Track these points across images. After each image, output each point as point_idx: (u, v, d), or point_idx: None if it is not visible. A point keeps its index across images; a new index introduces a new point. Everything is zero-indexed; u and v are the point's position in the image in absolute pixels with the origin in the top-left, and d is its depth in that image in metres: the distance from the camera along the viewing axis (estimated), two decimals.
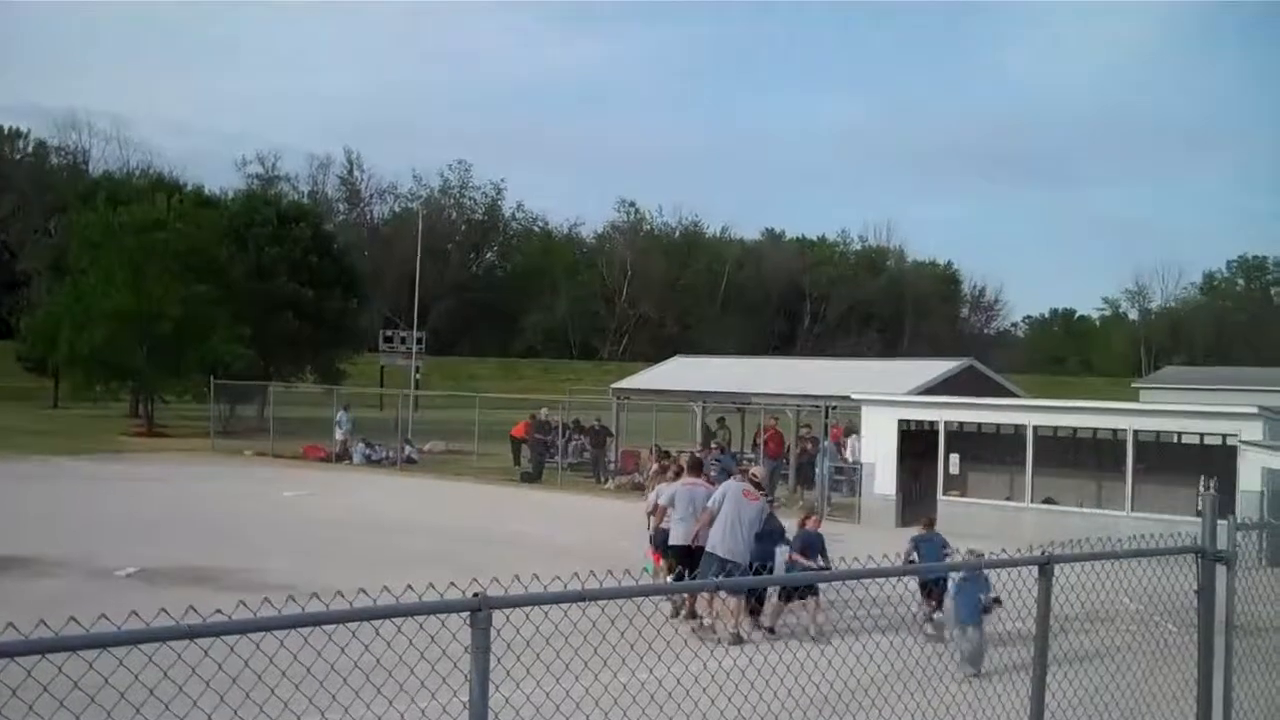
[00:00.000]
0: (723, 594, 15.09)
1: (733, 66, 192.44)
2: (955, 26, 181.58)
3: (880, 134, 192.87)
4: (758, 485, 17.04)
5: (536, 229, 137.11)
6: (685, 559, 16.36)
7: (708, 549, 15.78)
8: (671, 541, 16.82)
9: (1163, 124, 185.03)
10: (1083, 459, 28.09)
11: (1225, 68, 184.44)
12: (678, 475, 18.33)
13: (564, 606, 5.16)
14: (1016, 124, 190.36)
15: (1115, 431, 26.76)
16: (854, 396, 30.45)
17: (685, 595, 15.96)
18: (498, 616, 4.84)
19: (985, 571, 13.43)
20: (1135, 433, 25.92)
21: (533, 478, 36.75)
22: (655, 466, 22.47)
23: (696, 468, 18.54)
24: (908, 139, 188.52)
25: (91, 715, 5.26)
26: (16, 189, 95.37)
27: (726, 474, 19.39)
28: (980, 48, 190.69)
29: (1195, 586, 7.55)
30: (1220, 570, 7.56)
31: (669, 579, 16.61)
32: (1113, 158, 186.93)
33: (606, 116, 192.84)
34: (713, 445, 32.91)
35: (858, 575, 6.17)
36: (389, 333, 73.35)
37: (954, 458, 28.10)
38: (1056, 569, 6.97)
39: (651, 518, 18.15)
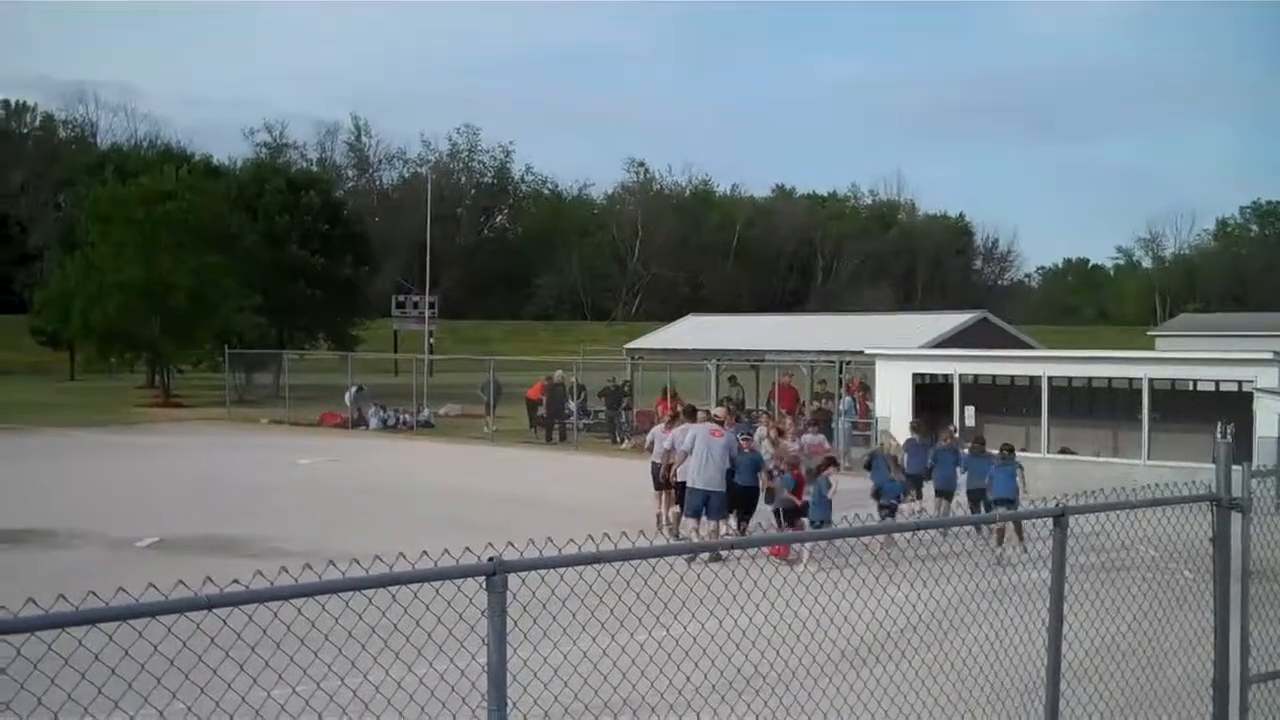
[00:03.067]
0: (705, 521, 18.44)
1: (740, 23, 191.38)
2: None
3: (889, 89, 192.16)
4: (720, 423, 19.69)
5: (546, 191, 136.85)
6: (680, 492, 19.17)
7: (688, 484, 18.68)
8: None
9: (1174, 72, 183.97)
10: (1098, 409, 28.04)
11: (1235, 13, 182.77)
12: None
13: (579, 568, 5.18)
14: (1026, 77, 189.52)
15: (1130, 380, 26.70)
16: (868, 351, 30.42)
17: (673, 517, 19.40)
18: (513, 579, 4.87)
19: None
20: (1150, 381, 25.84)
21: (553, 438, 36.75)
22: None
23: (691, 414, 21.11)
24: (917, 94, 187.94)
25: (113, 687, 5.31)
26: (25, 163, 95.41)
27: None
28: (987, 2, 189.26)
29: (1210, 534, 7.55)
30: (1236, 517, 7.55)
31: (672, 507, 19.67)
32: (1124, 107, 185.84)
33: (614, 77, 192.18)
34: (728, 403, 32.85)
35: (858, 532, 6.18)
36: (401, 298, 73.41)
37: (969, 410, 28.06)
38: (1072, 519, 6.98)
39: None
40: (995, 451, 20.37)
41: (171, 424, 42.58)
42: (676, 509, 19.61)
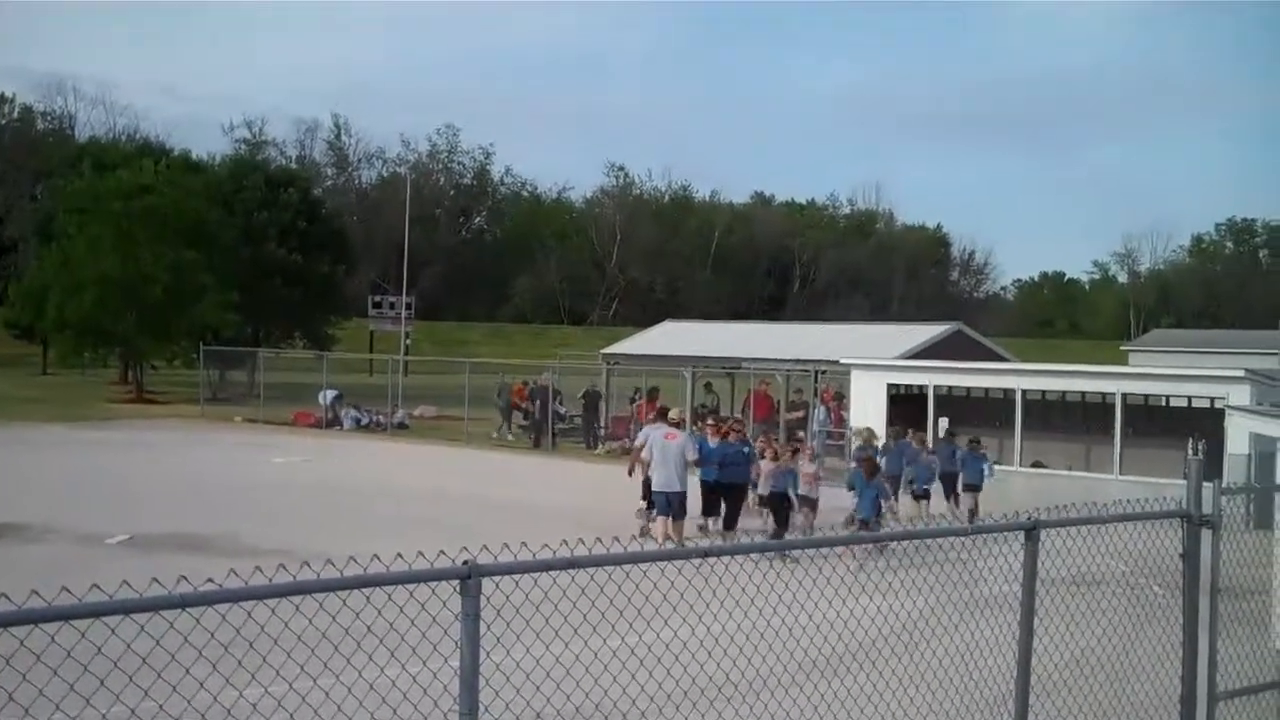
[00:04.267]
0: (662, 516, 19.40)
1: (722, 28, 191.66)
2: None
3: (869, 98, 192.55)
4: (677, 425, 20.92)
5: (525, 194, 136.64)
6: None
7: (652, 486, 19.75)
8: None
9: (1151, 86, 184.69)
10: (1072, 422, 28.18)
11: (1214, 29, 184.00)
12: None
13: (553, 572, 5.19)
14: (1006, 87, 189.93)
15: (1104, 395, 26.85)
16: (843, 361, 30.49)
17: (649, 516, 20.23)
18: (487, 583, 4.88)
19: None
20: (1124, 396, 25.99)
21: (542, 443, 36.50)
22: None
23: (663, 415, 22.00)
24: (897, 103, 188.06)
25: (85, 684, 5.30)
26: (2, 155, 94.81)
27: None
28: (969, 11, 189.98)
29: (1180, 550, 7.61)
30: (1205, 534, 7.61)
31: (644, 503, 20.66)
32: (1103, 121, 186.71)
33: (595, 80, 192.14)
34: (704, 409, 32.92)
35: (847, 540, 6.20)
36: (378, 298, 73.23)
37: (943, 421, 28.16)
38: (1043, 533, 7.03)
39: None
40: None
41: (145, 420, 42.37)
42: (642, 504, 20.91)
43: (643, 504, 21.00)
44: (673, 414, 22.30)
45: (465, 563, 4.85)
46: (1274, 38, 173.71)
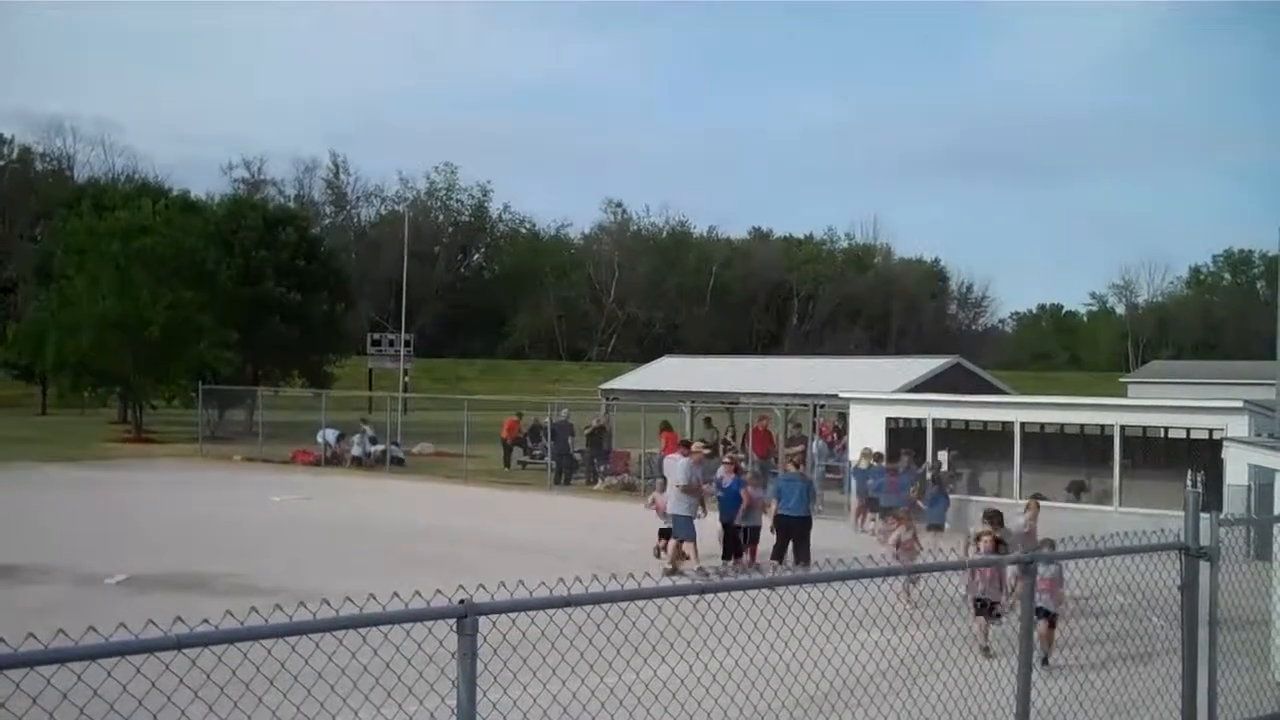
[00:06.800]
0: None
1: (718, 66, 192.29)
2: (941, 25, 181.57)
3: (866, 132, 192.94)
4: (686, 444, 22.61)
5: (524, 230, 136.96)
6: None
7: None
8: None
9: (1148, 120, 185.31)
10: (1070, 455, 28.14)
11: (1210, 63, 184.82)
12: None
13: (549, 610, 5.18)
14: (1003, 122, 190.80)
15: (1103, 427, 26.82)
16: (842, 395, 30.48)
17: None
18: (483, 621, 4.87)
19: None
20: (1122, 428, 25.96)
21: (560, 479, 36.30)
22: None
23: (685, 446, 22.73)
24: (894, 137, 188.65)
25: None
26: (1, 195, 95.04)
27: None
28: (966, 46, 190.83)
29: (1179, 582, 7.60)
30: (1204, 566, 7.61)
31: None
32: (1099, 154, 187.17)
33: (592, 117, 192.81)
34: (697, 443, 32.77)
35: (845, 576, 6.21)
36: (377, 335, 73.14)
37: (942, 455, 28.13)
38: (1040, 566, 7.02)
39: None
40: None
41: (143, 460, 42.32)
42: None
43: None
44: (696, 445, 23.27)
45: (461, 601, 4.85)
46: (1269, 71, 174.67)
